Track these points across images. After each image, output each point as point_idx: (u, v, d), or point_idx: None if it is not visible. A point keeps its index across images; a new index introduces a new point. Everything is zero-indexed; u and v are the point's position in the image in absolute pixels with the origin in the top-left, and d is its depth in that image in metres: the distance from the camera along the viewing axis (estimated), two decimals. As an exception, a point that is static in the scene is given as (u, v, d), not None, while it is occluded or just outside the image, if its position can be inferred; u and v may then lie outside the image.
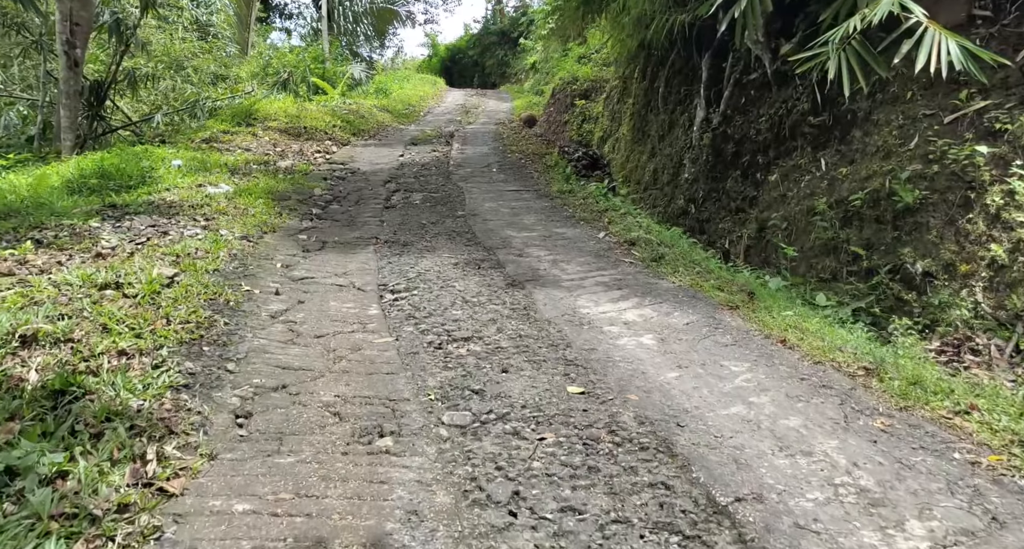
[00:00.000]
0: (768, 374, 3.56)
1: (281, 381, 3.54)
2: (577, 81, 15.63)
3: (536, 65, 29.91)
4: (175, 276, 4.84)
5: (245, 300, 4.69)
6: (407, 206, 8.68)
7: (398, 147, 14.37)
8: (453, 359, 3.90)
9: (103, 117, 14.91)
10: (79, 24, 12.60)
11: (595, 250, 6.37)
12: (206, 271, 5.12)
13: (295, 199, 8.62)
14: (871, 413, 3.11)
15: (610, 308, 4.72)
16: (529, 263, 5.91)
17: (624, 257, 6.10)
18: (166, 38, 19.30)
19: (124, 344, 3.61)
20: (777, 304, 4.76)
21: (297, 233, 7.07)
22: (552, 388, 3.50)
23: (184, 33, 20.52)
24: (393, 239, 6.88)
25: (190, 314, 4.18)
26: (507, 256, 6.13)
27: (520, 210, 8.28)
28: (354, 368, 3.77)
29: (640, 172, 10.38)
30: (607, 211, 8.02)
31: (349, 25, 27.82)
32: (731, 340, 4.12)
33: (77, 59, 12.58)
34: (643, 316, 4.56)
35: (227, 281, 5.00)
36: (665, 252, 6.03)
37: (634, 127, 11.15)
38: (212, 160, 10.63)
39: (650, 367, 3.71)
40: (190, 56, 19.58)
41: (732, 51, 8.33)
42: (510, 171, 11.45)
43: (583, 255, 6.19)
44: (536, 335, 4.24)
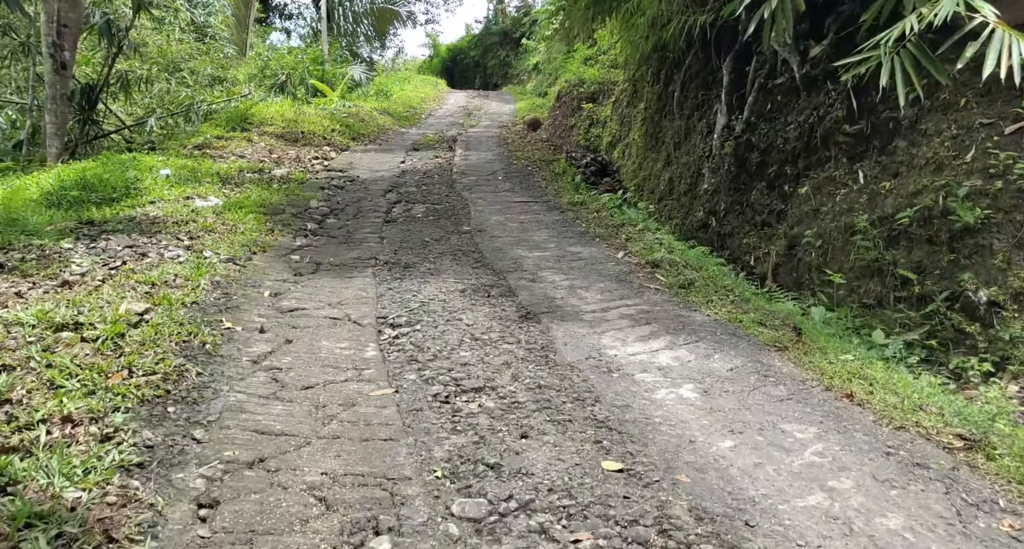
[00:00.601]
0: (843, 444, 2.95)
1: (258, 453, 2.93)
2: (584, 83, 15.01)
3: (539, 66, 29.29)
4: (145, 313, 4.23)
5: (224, 341, 4.08)
6: (409, 220, 8.07)
7: (399, 153, 13.76)
8: (463, 418, 3.29)
9: (95, 121, 14.31)
10: (67, 26, 12.01)
11: (615, 273, 5.76)
12: (183, 304, 4.51)
13: (289, 213, 8.01)
14: (990, 509, 2.50)
15: (640, 349, 4.11)
16: (544, 290, 5.30)
17: (648, 282, 5.49)
18: (163, 40, 18.73)
19: (72, 406, 3.01)
20: (831, 344, 4.14)
21: (290, 253, 6.46)
22: (583, 462, 2.89)
23: (181, 34, 19.95)
24: (394, 260, 6.27)
25: (157, 363, 3.57)
26: (519, 281, 5.52)
27: (529, 225, 7.67)
28: (347, 432, 3.16)
29: (654, 181, 9.77)
30: (623, 226, 7.41)
31: (349, 25, 27.21)
32: (786, 392, 3.51)
33: (65, 61, 11.98)
34: (679, 359, 3.95)
35: (205, 317, 4.39)
36: (693, 277, 5.42)
37: (647, 133, 10.53)
38: (203, 168, 10.03)
39: (698, 431, 3.10)
40: (187, 58, 19.02)
41: (756, 54, 7.71)
42: (516, 179, 10.84)
43: (602, 280, 5.58)
44: (558, 385, 3.63)
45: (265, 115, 14.45)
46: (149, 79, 16.29)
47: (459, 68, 37.78)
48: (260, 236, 6.77)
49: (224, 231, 6.71)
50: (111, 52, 13.79)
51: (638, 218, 7.77)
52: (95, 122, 14.28)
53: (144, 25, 18.47)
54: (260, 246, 6.44)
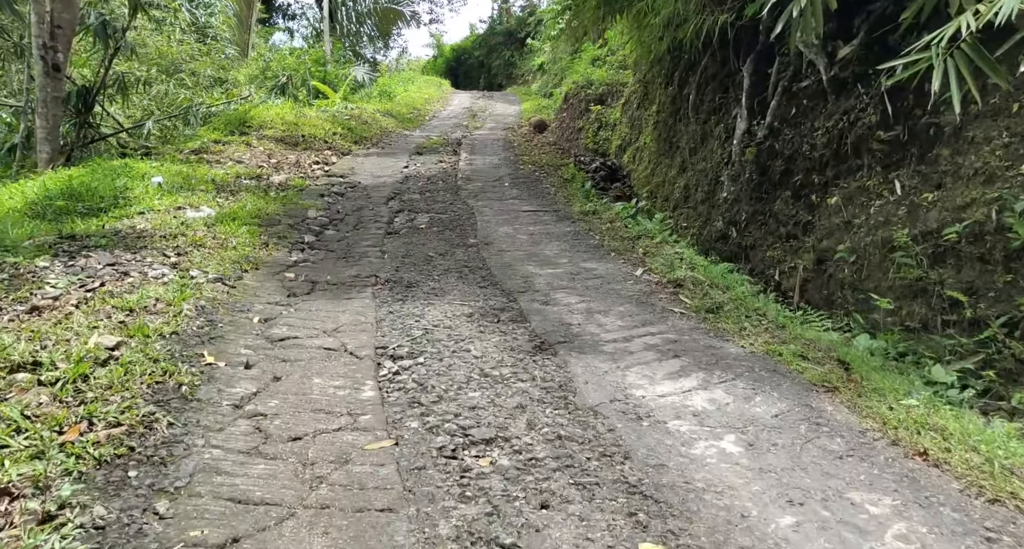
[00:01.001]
0: (930, 524, 2.47)
1: (232, 531, 2.47)
2: (592, 85, 14.52)
3: (544, 66, 28.82)
4: (117, 347, 3.77)
5: (204, 381, 3.61)
6: (412, 231, 7.60)
7: (402, 157, 13.29)
8: (473, 480, 2.82)
9: (92, 124, 13.89)
10: (61, 26, 11.57)
11: (635, 294, 5.27)
12: (160, 336, 4.05)
13: (285, 224, 7.55)
14: None
15: (670, 388, 3.63)
16: (558, 314, 4.82)
17: (672, 305, 5.00)
18: (163, 41, 18.30)
19: (14, 473, 2.55)
20: (887, 383, 3.65)
21: (284, 270, 6.00)
22: (616, 543, 2.42)
23: (181, 35, 19.52)
24: (395, 278, 5.80)
25: (123, 411, 3.11)
26: (531, 304, 5.04)
27: (540, 237, 7.20)
28: (338, 499, 2.69)
29: (668, 188, 9.28)
30: (640, 239, 6.93)
31: (352, 25, 26.75)
32: (845, 447, 3.03)
33: (59, 63, 11.54)
34: (716, 403, 3.47)
35: (185, 351, 3.93)
36: (721, 299, 4.93)
37: (659, 137, 10.05)
38: (198, 175, 9.58)
39: (749, 502, 2.63)
40: (187, 59, 18.59)
41: (779, 55, 7.22)
42: (524, 186, 10.36)
43: (622, 302, 5.09)
44: (581, 436, 3.15)
45: (265, 118, 14.00)
46: (147, 81, 15.88)
47: (463, 68, 37.33)
48: (253, 251, 6.31)
49: (214, 246, 6.25)
50: (108, 54, 13.36)
51: (654, 229, 7.29)
52: (91, 125, 13.87)
53: (144, 26, 18.06)
54: (252, 263, 5.98)
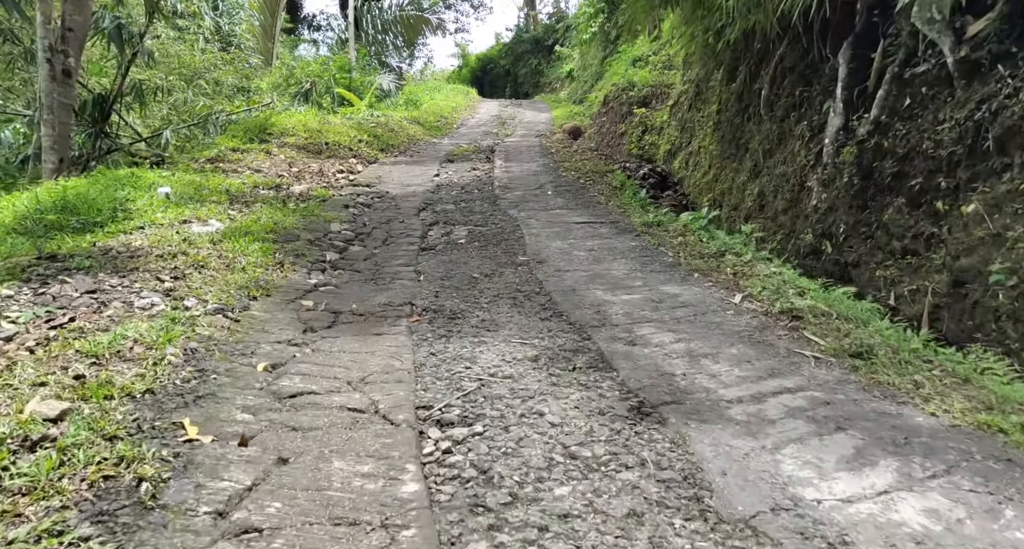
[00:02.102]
0: None
1: None
2: (634, 87, 13.38)
3: (573, 73, 27.76)
4: (61, 418, 2.68)
5: (177, 471, 2.50)
6: (450, 247, 6.49)
7: (432, 165, 12.23)
8: None
9: (108, 134, 13.03)
10: (72, 29, 10.70)
11: (743, 330, 4.09)
12: (128, 396, 2.96)
13: (305, 239, 6.48)
14: None
15: (855, 487, 2.45)
16: (652, 358, 3.66)
17: (798, 345, 3.82)
18: (186, 49, 17.54)
19: None
20: None
21: (301, 296, 4.91)
22: None
23: (205, 44, 18.76)
24: (435, 306, 4.68)
25: (38, 540, 2.01)
26: (612, 343, 3.88)
27: (601, 253, 6.05)
28: None
29: (737, 196, 8.09)
30: (723, 256, 5.75)
31: (377, 34, 25.87)
32: None
33: (69, 69, 10.66)
34: (941, 518, 2.27)
35: (159, 419, 2.83)
36: (867, 340, 3.73)
37: (723, 139, 8.86)
38: (211, 185, 8.57)
39: None
40: (210, 68, 17.81)
41: (884, 37, 6.03)
42: (569, 194, 9.22)
43: (730, 341, 3.92)
44: (746, 580, 1.99)
45: (287, 125, 13.02)
46: (167, 89, 15.05)
47: (489, 78, 36.36)
48: (264, 273, 5.23)
49: (219, 267, 5.18)
50: (124, 60, 12.51)
51: (736, 244, 6.10)
52: (108, 135, 13.02)
53: (166, 34, 17.32)
54: (263, 288, 4.89)
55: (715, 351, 3.71)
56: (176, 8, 20.24)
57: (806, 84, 7.19)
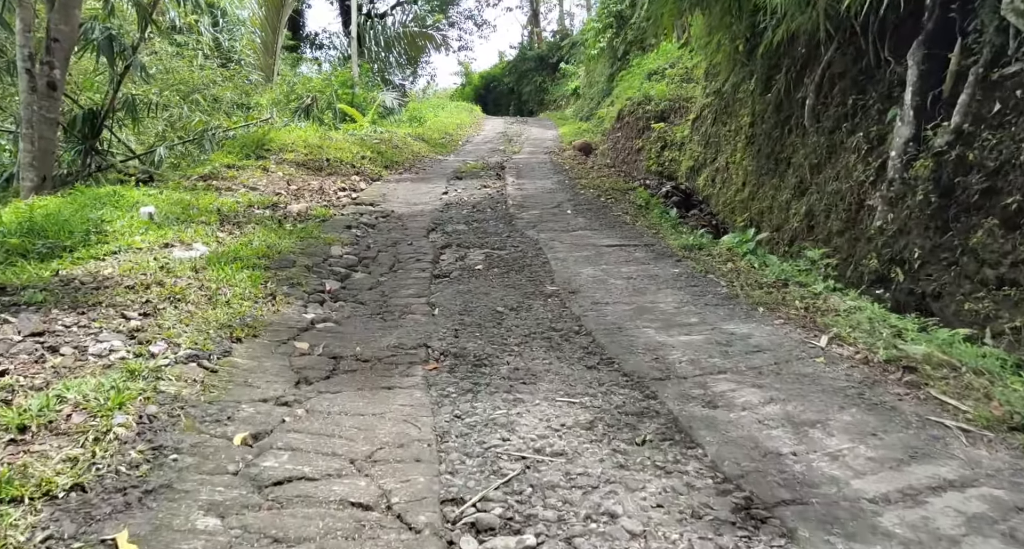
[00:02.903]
0: None
1: None
2: (651, 101, 12.64)
3: (579, 91, 27.15)
4: (-64, 542, 1.85)
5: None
6: (466, 273, 5.67)
7: (439, 182, 11.46)
8: None
9: (99, 150, 12.29)
10: (58, 40, 9.98)
11: (845, 385, 3.23)
12: (46, 496, 2.13)
13: (301, 265, 5.66)
14: None
15: None
16: (743, 427, 2.82)
17: (926, 409, 2.97)
18: (184, 65, 16.88)
19: None
20: None
21: (295, 336, 4.08)
22: None
23: (204, 60, 18.11)
24: (455, 349, 3.85)
25: None
26: (685, 404, 3.05)
27: (642, 282, 5.22)
28: None
29: (779, 215, 7.28)
30: (787, 286, 4.93)
31: (380, 50, 25.25)
32: None
33: (54, 81, 9.93)
34: None
35: (85, 532, 2.00)
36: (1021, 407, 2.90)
37: (758, 154, 8.08)
38: (202, 204, 7.78)
39: None
40: (209, 84, 17.14)
41: (963, 34, 5.26)
42: (591, 213, 8.42)
43: (834, 401, 3.06)
44: None
45: (286, 141, 12.27)
46: (163, 104, 14.34)
47: (492, 96, 35.78)
48: (253, 307, 4.41)
49: (199, 300, 4.36)
50: (115, 74, 11.79)
51: (796, 271, 5.28)
52: (99, 152, 12.27)
53: (165, 49, 16.67)
54: (249, 326, 4.07)
55: (823, 417, 2.87)
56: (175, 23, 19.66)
57: (859, 92, 6.42)
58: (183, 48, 17.86)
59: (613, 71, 22.41)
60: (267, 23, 23.92)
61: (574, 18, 38.10)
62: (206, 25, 19.80)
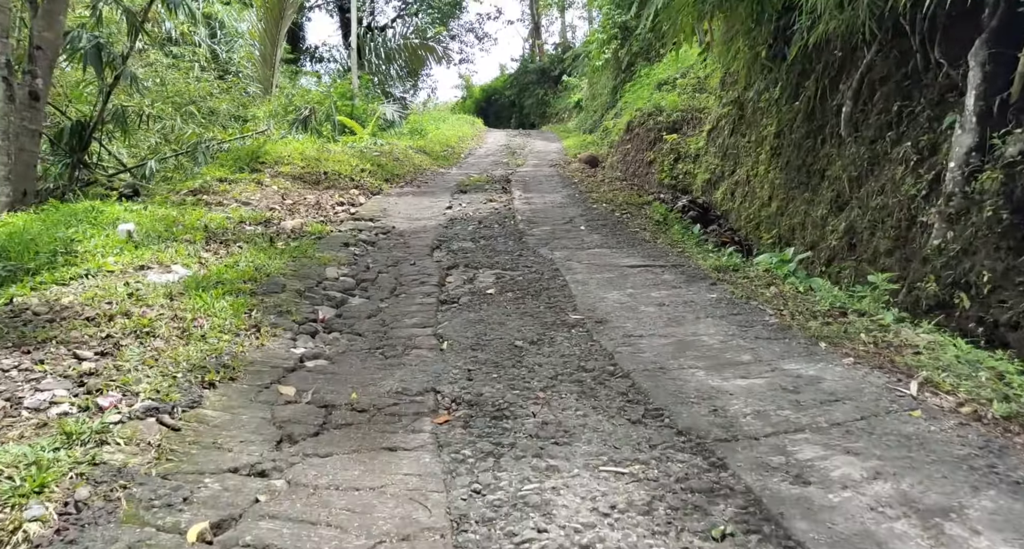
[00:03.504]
0: None
1: None
2: (662, 112, 12.07)
3: (581, 103, 26.65)
4: None
5: None
6: (476, 299, 5.03)
7: (443, 196, 10.85)
8: None
9: (87, 164, 11.69)
10: (41, 48, 9.44)
11: (966, 453, 2.54)
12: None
13: (292, 289, 5.03)
14: None
15: None
16: (852, 516, 2.15)
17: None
18: (180, 76, 16.35)
19: None
20: None
21: (279, 378, 3.44)
22: None
23: (200, 72, 17.58)
24: (470, 395, 3.21)
25: None
26: (766, 478, 2.40)
27: (676, 309, 4.58)
28: None
29: (813, 232, 6.66)
30: (845, 314, 4.30)
31: (381, 64, 24.72)
32: None
33: (36, 91, 9.38)
34: None
35: None
36: None
37: (787, 166, 7.47)
38: (188, 220, 7.17)
39: None
40: (206, 96, 16.60)
41: (1034, 31, 4.67)
42: (606, 230, 7.80)
43: (961, 477, 2.38)
44: None
45: (282, 153, 11.67)
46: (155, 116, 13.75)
47: (494, 108, 35.30)
48: (232, 342, 3.78)
49: (170, 334, 3.73)
50: (104, 84, 11.22)
51: (844, 296, 4.65)
52: (87, 165, 11.67)
53: (160, 60, 16.14)
54: (227, 366, 3.43)
55: (954, 502, 2.21)
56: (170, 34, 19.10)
57: (905, 98, 5.82)
58: (179, 60, 17.36)
59: (617, 83, 21.91)
60: (266, 35, 23.43)
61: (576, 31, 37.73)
62: (203, 36, 19.30)
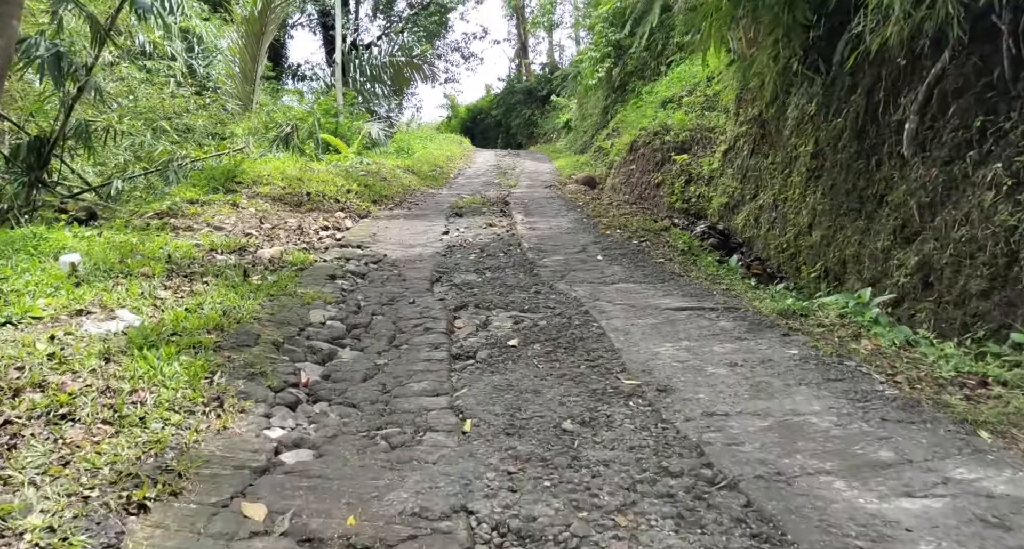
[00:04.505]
0: None
1: None
2: (669, 131, 11.22)
3: (571, 123, 25.90)
4: None
5: None
6: (497, 352, 4.01)
7: (437, 219, 9.86)
8: None
9: (45, 183, 10.57)
10: (-9, 55, 8.35)
11: None
12: None
13: (268, 340, 3.98)
14: None
15: None
16: None
17: None
18: (154, 91, 15.30)
19: None
20: None
21: (243, 488, 2.39)
22: None
23: (176, 87, 16.52)
24: (517, 521, 2.19)
25: None
26: None
27: (755, 371, 3.60)
28: None
29: (873, 267, 5.75)
30: (985, 385, 3.35)
31: (366, 82, 23.76)
32: None
33: (-16, 102, 8.27)
34: None
35: None
36: None
37: (832, 190, 6.59)
38: (148, 249, 6.11)
39: None
40: (182, 112, 15.55)
41: None
42: (627, 260, 6.84)
43: None
44: None
45: (260, 172, 10.62)
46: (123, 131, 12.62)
47: (479, 128, 34.46)
48: (183, 424, 2.73)
49: (95, 417, 2.67)
50: (67, 97, 10.16)
51: (967, 359, 3.71)
52: (46, 184, 10.55)
53: (132, 75, 15.07)
54: (168, 472, 2.38)
55: None
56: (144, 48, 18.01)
57: (988, 111, 4.95)
58: (153, 74, 16.33)
59: (608, 103, 21.19)
60: (246, 51, 22.42)
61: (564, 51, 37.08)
62: (178, 50, 18.27)
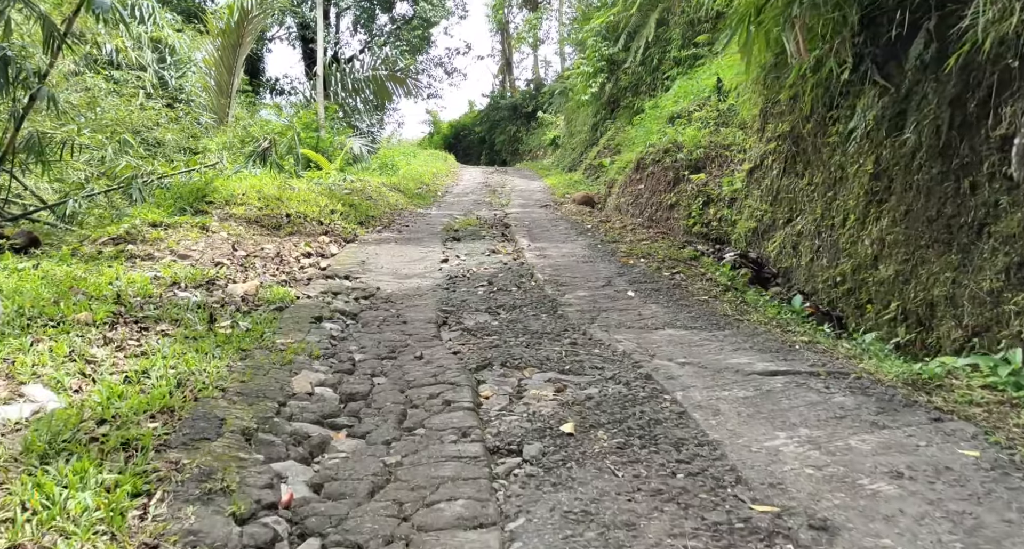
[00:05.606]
0: None
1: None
2: (681, 148, 10.26)
3: (558, 140, 25.01)
4: None
5: None
6: (551, 448, 2.90)
7: (432, 244, 8.75)
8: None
9: (-9, 201, 9.32)
10: (-77, 56, 7.16)
11: None
12: None
13: (236, 427, 2.82)
14: None
15: None
16: None
17: None
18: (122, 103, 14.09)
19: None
20: None
21: None
22: None
23: (146, 99, 15.32)
24: None
25: None
26: None
27: (929, 488, 2.55)
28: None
29: (977, 312, 4.76)
30: None
31: (348, 96, 22.64)
32: None
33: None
34: None
35: None
36: None
37: (907, 216, 5.61)
38: (95, 285, 4.92)
39: None
40: (152, 125, 14.35)
41: None
42: (663, 297, 5.78)
43: None
44: None
45: (235, 190, 9.44)
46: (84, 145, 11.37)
47: (462, 145, 33.47)
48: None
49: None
50: (18, 106, 8.97)
51: None
52: (-9, 202, 9.31)
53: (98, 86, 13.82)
54: None
55: None
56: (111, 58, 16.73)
57: None
58: (121, 84, 15.13)
59: (598, 119, 20.34)
60: (222, 62, 21.22)
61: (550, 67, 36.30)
62: (149, 60, 17.06)
